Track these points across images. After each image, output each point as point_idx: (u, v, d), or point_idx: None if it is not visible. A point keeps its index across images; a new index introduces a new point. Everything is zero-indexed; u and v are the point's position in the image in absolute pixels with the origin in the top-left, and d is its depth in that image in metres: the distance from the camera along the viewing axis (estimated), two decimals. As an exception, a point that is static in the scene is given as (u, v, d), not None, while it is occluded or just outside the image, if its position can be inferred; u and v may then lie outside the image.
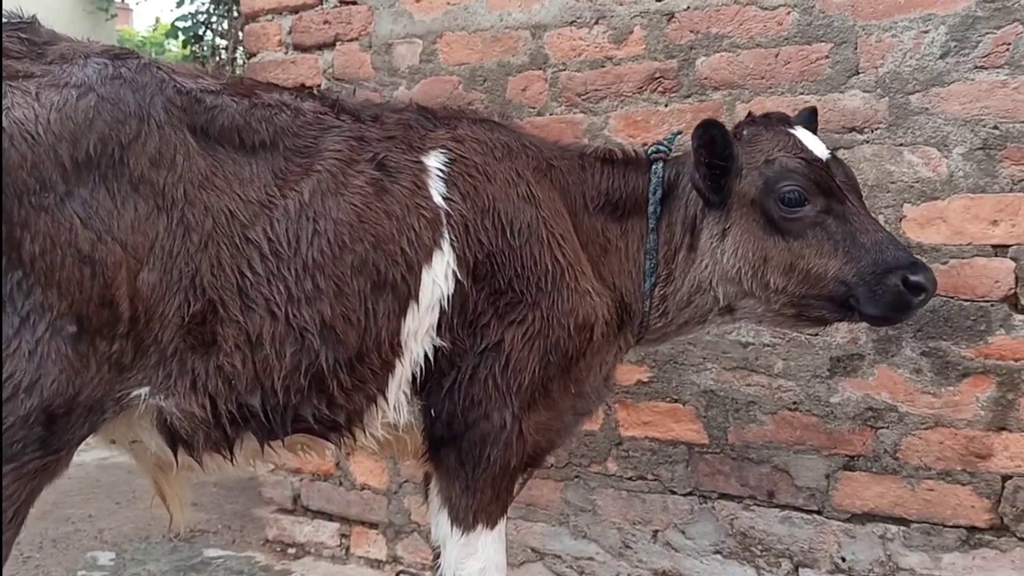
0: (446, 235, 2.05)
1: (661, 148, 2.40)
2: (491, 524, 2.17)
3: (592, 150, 2.47)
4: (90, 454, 4.91)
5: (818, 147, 2.26)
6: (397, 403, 2.07)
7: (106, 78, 1.74)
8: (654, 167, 2.37)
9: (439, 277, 2.03)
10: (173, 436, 1.86)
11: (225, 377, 1.82)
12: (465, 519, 2.14)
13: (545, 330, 2.13)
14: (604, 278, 2.33)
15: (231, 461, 1.98)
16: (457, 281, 2.05)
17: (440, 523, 2.18)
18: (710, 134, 2.20)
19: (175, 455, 1.90)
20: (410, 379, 2.07)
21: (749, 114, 2.44)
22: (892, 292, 2.09)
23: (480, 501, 2.14)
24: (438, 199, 2.07)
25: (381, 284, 1.96)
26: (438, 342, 2.05)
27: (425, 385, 2.10)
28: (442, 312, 2.05)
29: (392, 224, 1.99)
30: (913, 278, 2.08)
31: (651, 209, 2.33)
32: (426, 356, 2.06)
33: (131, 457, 2.07)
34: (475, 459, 2.12)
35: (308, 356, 1.89)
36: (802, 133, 2.29)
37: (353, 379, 1.97)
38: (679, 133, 2.47)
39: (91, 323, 1.65)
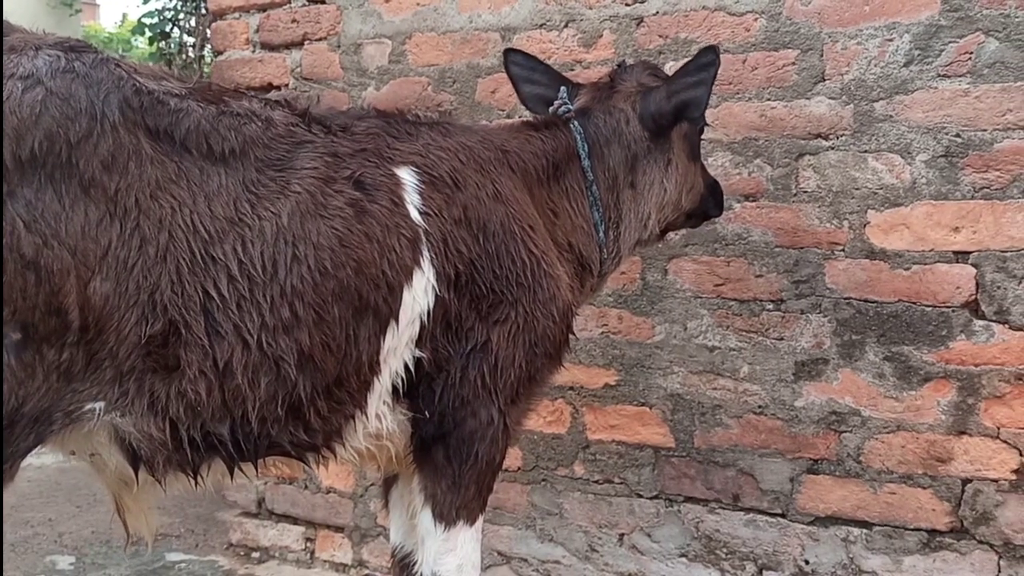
0: (425, 252, 1.99)
1: (569, 107, 2.51)
2: (471, 521, 2.16)
3: (521, 122, 2.57)
4: (50, 456, 4.82)
5: None
6: (379, 413, 2.03)
7: (57, 71, 1.60)
8: (573, 124, 2.47)
9: (419, 294, 1.97)
10: (133, 455, 1.77)
11: (188, 404, 1.72)
12: (448, 515, 2.13)
13: (531, 323, 2.14)
14: (559, 243, 2.37)
15: (195, 484, 1.89)
16: (437, 295, 2.00)
17: (423, 520, 2.16)
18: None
19: (136, 473, 1.80)
20: (390, 390, 2.02)
21: (622, 61, 2.70)
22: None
23: (464, 497, 2.13)
24: (416, 215, 2.01)
25: (363, 309, 1.88)
26: (417, 353, 2.01)
27: (414, 390, 2.05)
28: (422, 325, 2.00)
29: (374, 247, 1.90)
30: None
31: (586, 164, 2.44)
32: (406, 366, 2.01)
33: (93, 470, 1.96)
34: (463, 456, 2.10)
35: (284, 386, 1.80)
36: None
37: (330, 403, 1.89)
38: (567, 90, 2.56)
39: (37, 331, 1.55)
